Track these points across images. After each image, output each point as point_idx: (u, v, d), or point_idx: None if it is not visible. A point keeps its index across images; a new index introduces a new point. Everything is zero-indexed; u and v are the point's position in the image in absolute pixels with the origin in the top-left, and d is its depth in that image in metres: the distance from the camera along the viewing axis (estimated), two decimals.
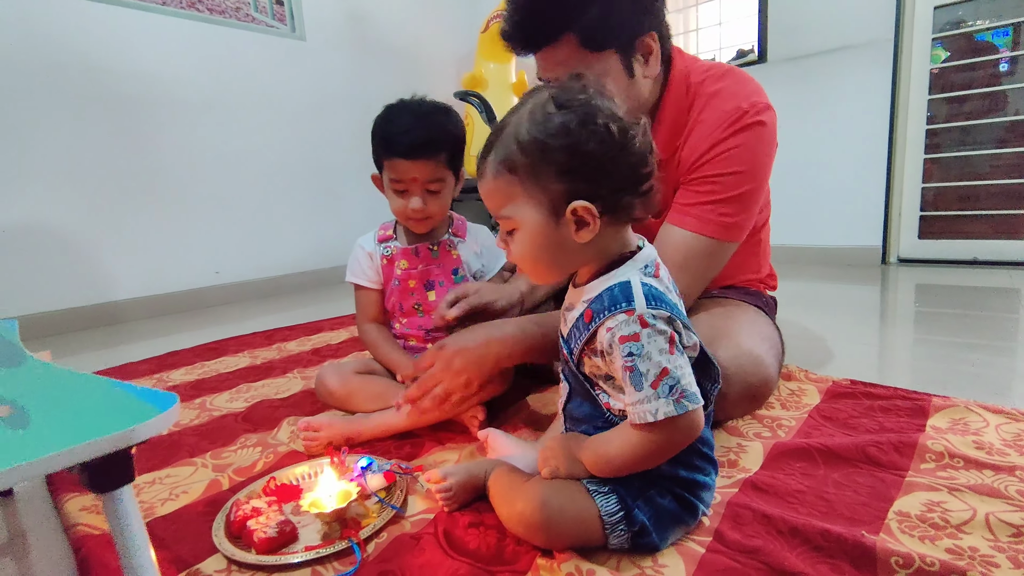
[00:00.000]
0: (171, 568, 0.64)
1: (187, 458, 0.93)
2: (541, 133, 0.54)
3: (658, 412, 0.52)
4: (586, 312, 0.57)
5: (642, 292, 0.54)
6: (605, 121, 0.53)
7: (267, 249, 2.69)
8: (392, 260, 1.06)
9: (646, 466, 0.58)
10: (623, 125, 0.54)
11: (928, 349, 1.36)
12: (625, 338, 0.53)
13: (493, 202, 0.59)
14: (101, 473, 0.36)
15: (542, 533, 0.60)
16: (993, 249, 2.28)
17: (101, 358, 1.68)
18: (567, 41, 0.81)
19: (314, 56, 2.82)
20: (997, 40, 2.21)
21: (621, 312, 0.53)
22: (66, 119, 2.06)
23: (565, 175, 0.54)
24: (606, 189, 0.54)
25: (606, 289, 0.56)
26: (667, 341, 0.53)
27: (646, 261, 0.58)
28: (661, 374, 0.52)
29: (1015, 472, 0.73)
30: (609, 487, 0.60)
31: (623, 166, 0.54)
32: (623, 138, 0.53)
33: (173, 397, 0.40)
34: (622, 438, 0.57)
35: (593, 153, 0.53)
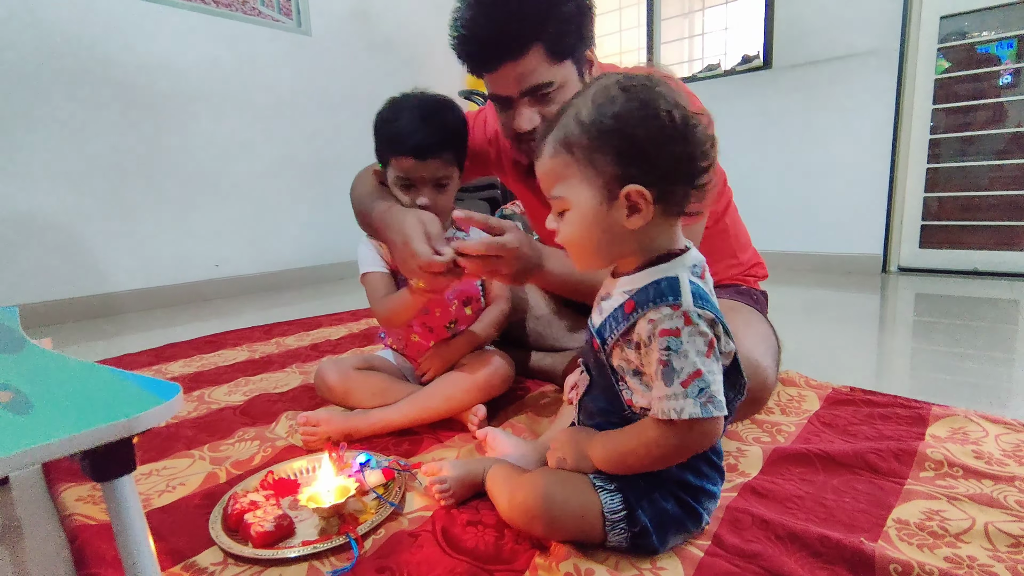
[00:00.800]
0: (167, 560, 0.64)
1: (184, 450, 0.93)
2: (601, 115, 0.54)
3: (683, 411, 0.52)
4: (628, 303, 0.56)
5: (690, 290, 0.53)
6: (667, 108, 0.52)
7: (267, 243, 2.68)
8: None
9: (657, 466, 0.58)
10: (685, 114, 0.53)
11: (927, 358, 1.36)
12: (666, 332, 0.52)
13: (548, 181, 0.59)
14: (103, 461, 0.35)
15: (542, 523, 0.60)
16: (993, 260, 2.29)
17: (99, 349, 1.68)
18: (535, 51, 0.81)
19: (319, 51, 2.82)
20: (1001, 52, 2.22)
21: (666, 306, 0.53)
22: (69, 109, 2.06)
23: (621, 158, 0.53)
24: (661, 177, 0.53)
25: (652, 282, 0.55)
26: (706, 344, 0.53)
27: (695, 262, 0.58)
28: (694, 375, 0.52)
29: (1014, 482, 0.73)
30: (615, 485, 0.60)
31: (681, 155, 0.53)
32: (684, 127, 0.52)
33: (175, 387, 0.39)
34: (638, 434, 0.57)
35: (651, 139, 0.52)
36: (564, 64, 0.84)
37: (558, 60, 0.83)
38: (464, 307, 1.07)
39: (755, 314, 1.02)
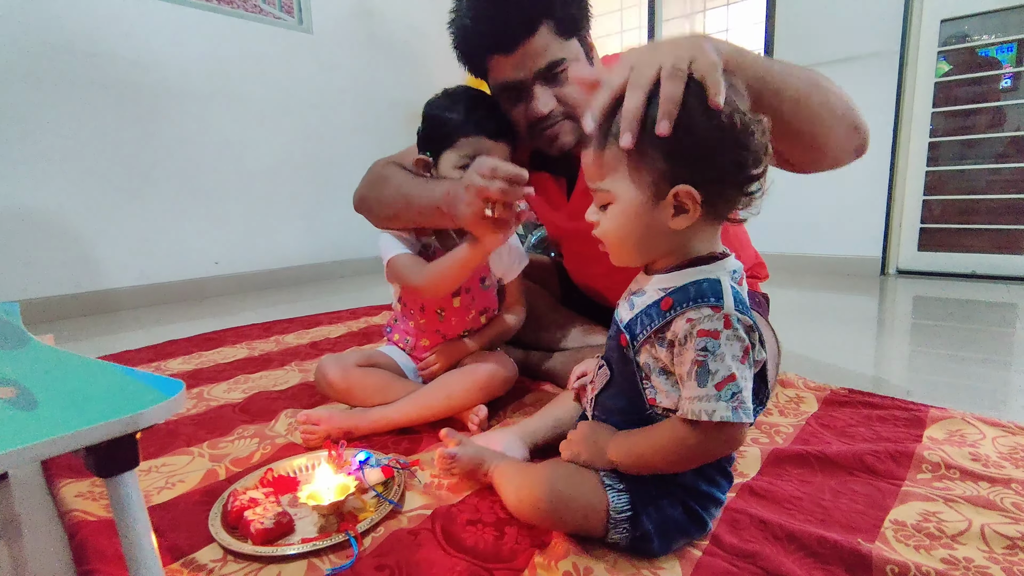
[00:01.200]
0: (167, 556, 0.64)
1: (184, 447, 0.93)
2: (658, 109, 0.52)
3: (715, 413, 0.51)
4: (665, 300, 0.55)
5: (731, 294, 0.53)
6: (729, 111, 0.51)
7: (267, 241, 2.68)
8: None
9: (677, 468, 0.58)
10: (745, 119, 0.51)
11: (925, 360, 1.36)
12: (705, 332, 0.52)
13: (594, 171, 0.58)
14: (106, 457, 0.35)
15: (548, 516, 0.60)
16: (991, 263, 2.29)
17: (99, 345, 1.68)
18: (545, 29, 0.81)
19: (320, 49, 2.82)
20: (1001, 56, 2.22)
21: (707, 306, 0.52)
22: (69, 105, 2.05)
23: (674, 157, 0.52)
24: (712, 179, 0.52)
25: (693, 282, 0.54)
26: (742, 349, 0.52)
27: (735, 268, 0.57)
28: (728, 378, 0.51)
29: (1011, 484, 0.73)
30: (624, 485, 0.60)
31: (735, 159, 0.52)
32: (742, 132, 0.51)
33: (179, 384, 0.40)
34: (663, 434, 0.56)
35: (708, 140, 0.51)
36: (572, 41, 0.84)
37: (567, 36, 0.83)
38: (480, 316, 1.06)
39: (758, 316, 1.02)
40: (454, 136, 0.92)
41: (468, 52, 0.88)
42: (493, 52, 0.85)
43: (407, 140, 1.05)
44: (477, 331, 1.06)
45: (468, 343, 1.04)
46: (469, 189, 0.79)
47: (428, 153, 0.96)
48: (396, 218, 0.97)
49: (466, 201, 0.80)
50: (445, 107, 0.94)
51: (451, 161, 0.92)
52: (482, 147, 0.90)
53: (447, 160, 0.93)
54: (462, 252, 0.87)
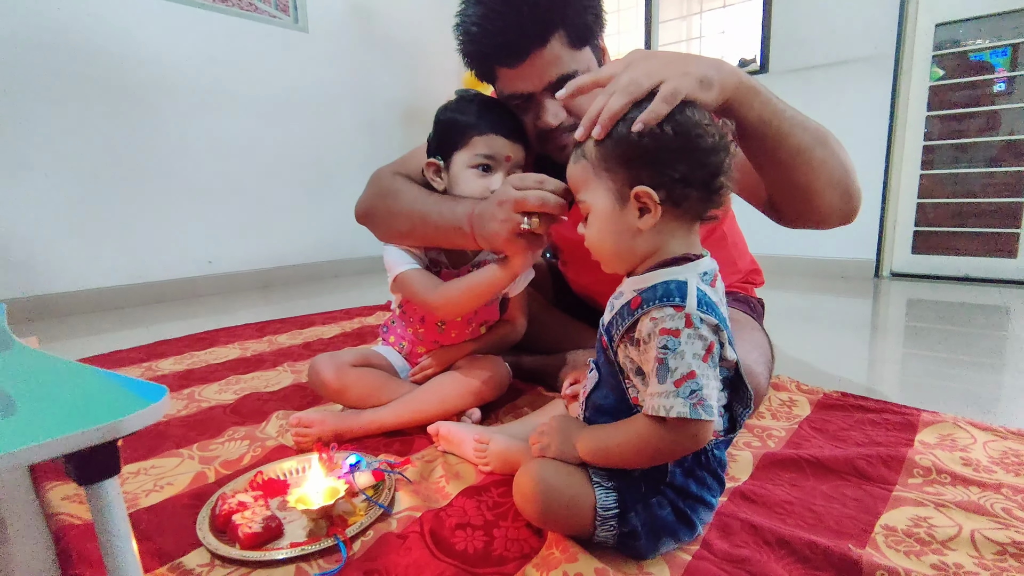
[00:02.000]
0: (154, 561, 0.63)
1: (173, 449, 0.92)
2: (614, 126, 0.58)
3: (672, 409, 0.52)
4: (634, 299, 0.57)
5: (695, 295, 0.54)
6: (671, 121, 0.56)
7: (261, 241, 2.67)
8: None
9: (640, 463, 0.58)
10: (686, 126, 0.56)
11: (918, 364, 1.37)
12: (666, 331, 0.53)
13: (573, 186, 0.64)
14: (86, 464, 0.35)
15: (535, 508, 0.61)
16: (984, 266, 2.30)
17: (90, 344, 1.66)
18: (557, 40, 0.79)
19: (316, 49, 2.81)
20: (995, 60, 2.24)
21: (670, 306, 0.54)
22: (63, 103, 2.04)
23: (629, 164, 0.57)
24: (668, 179, 0.56)
25: (661, 282, 0.56)
26: (704, 348, 0.54)
27: (706, 269, 0.59)
28: (688, 375, 0.52)
29: (1001, 490, 0.73)
30: (613, 483, 0.60)
31: (686, 161, 0.56)
32: (684, 136, 0.56)
33: (162, 389, 0.39)
34: (627, 428, 0.58)
35: (657, 147, 0.56)
36: (585, 51, 0.82)
37: (579, 46, 0.81)
38: (480, 328, 1.06)
39: (750, 321, 1.02)
40: (468, 135, 0.89)
41: (474, 59, 0.85)
42: (501, 63, 0.82)
43: (403, 140, 1.05)
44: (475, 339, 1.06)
45: (463, 348, 1.03)
46: (503, 204, 0.75)
47: (439, 157, 0.94)
48: (409, 235, 0.93)
49: (500, 218, 0.76)
50: (458, 110, 0.92)
51: (463, 161, 0.90)
52: (496, 145, 0.88)
53: (459, 161, 0.91)
54: (488, 274, 0.84)
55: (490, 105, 0.92)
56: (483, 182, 0.89)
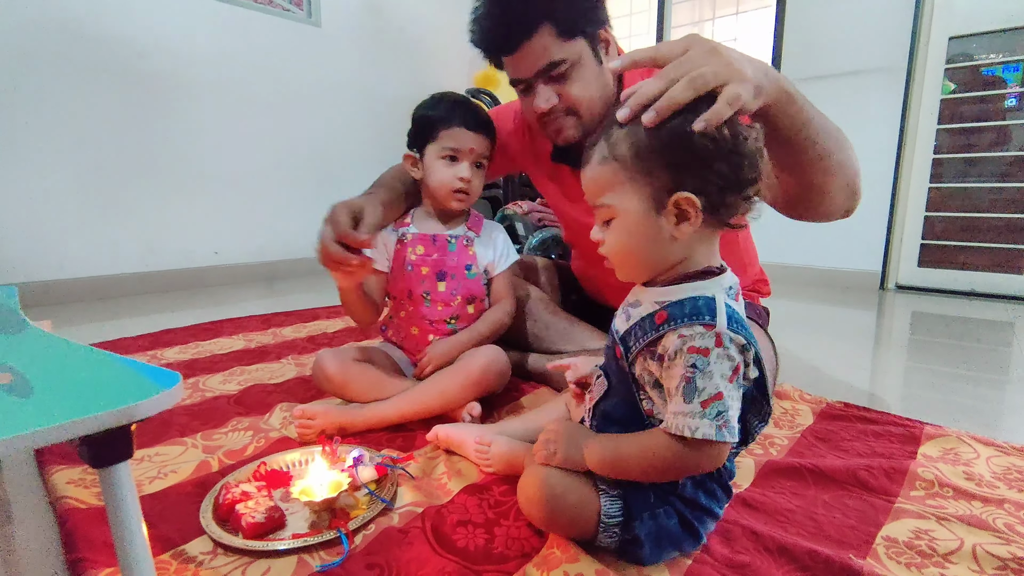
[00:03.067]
0: (157, 547, 0.63)
1: (177, 437, 0.93)
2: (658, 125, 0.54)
3: (697, 431, 0.51)
4: (660, 313, 0.55)
5: (725, 312, 0.53)
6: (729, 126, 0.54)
7: (268, 233, 2.68)
8: (406, 244, 1.06)
9: (652, 478, 0.58)
10: (734, 129, 0.54)
11: (921, 377, 1.36)
12: (695, 349, 0.52)
13: (594, 188, 0.59)
14: (101, 447, 0.35)
15: (540, 511, 0.61)
16: (991, 282, 2.30)
17: (96, 331, 1.67)
18: (544, 31, 0.84)
19: (328, 43, 2.81)
20: (1007, 75, 2.23)
21: (700, 324, 0.53)
22: (74, 89, 2.05)
23: (672, 166, 0.53)
24: (712, 185, 0.53)
25: (689, 298, 0.54)
26: (732, 369, 0.53)
27: (731, 283, 0.58)
28: (715, 397, 0.51)
29: (1003, 505, 0.73)
30: (618, 492, 0.60)
31: (730, 166, 0.53)
32: (733, 140, 0.53)
33: (176, 376, 0.39)
34: (642, 442, 0.56)
35: (701, 150, 0.52)
36: (575, 41, 0.87)
37: (568, 38, 0.86)
38: (467, 305, 1.07)
39: (756, 329, 1.02)
40: (436, 129, 1.02)
41: (480, 50, 0.93)
42: (498, 52, 0.91)
43: None
44: (466, 325, 1.08)
45: (459, 341, 1.04)
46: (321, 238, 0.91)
47: (415, 150, 1.06)
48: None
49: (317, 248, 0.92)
50: (430, 107, 1.04)
51: (434, 152, 1.03)
52: (460, 137, 1.00)
53: (430, 152, 1.03)
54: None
55: (457, 102, 1.03)
56: (451, 170, 1.02)
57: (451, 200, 1.04)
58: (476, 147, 1.02)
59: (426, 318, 1.06)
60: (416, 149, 1.05)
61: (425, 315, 1.06)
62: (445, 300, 1.06)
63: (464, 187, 1.02)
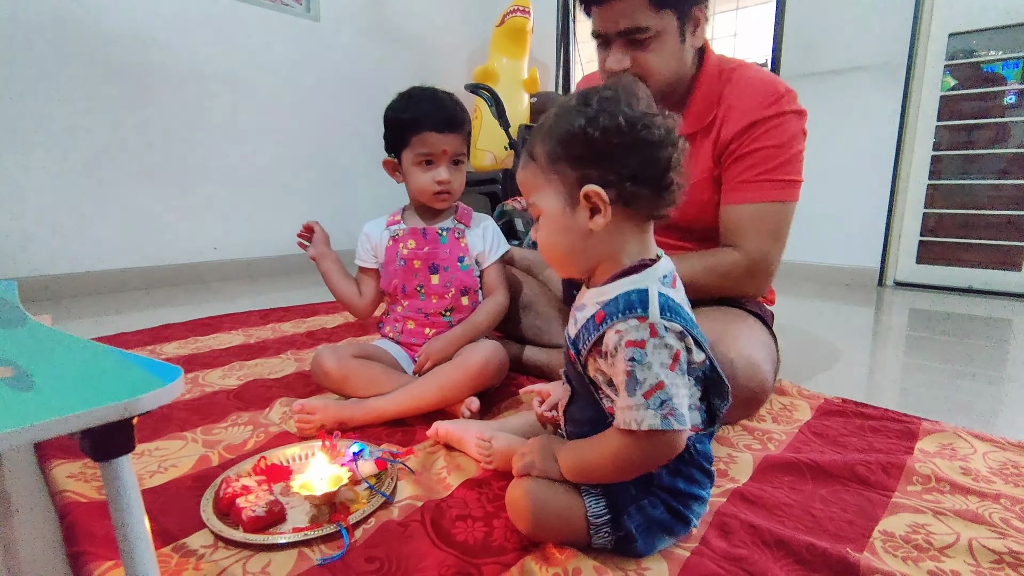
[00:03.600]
0: (157, 541, 0.64)
1: (177, 432, 0.93)
2: (560, 124, 0.57)
3: (643, 422, 0.52)
4: (598, 313, 0.57)
5: (658, 302, 0.54)
6: (615, 114, 0.55)
7: (267, 228, 2.67)
8: (398, 240, 1.08)
9: (618, 477, 0.58)
10: (633, 120, 0.55)
11: (919, 374, 1.37)
12: (631, 343, 0.53)
13: (524, 190, 0.63)
14: (102, 441, 0.35)
15: (527, 521, 0.61)
16: (989, 279, 2.30)
17: (95, 326, 1.67)
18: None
19: (327, 38, 2.80)
20: (1007, 72, 2.23)
21: (634, 318, 0.54)
22: (71, 81, 2.04)
23: (578, 162, 0.56)
24: (617, 177, 0.55)
25: (623, 293, 0.56)
26: (671, 357, 0.53)
27: (665, 272, 0.59)
28: (656, 387, 0.52)
29: (1000, 500, 0.74)
30: (600, 490, 0.60)
31: (634, 157, 0.55)
32: (630, 131, 0.54)
33: (177, 370, 0.40)
34: (602, 443, 0.57)
35: (598, 142, 0.55)
36: (663, 13, 0.87)
37: (659, 7, 0.86)
38: (461, 296, 1.08)
39: (758, 323, 1.03)
40: (406, 136, 1.02)
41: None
42: (591, 2, 0.90)
43: None
44: (462, 317, 1.08)
45: (456, 336, 1.04)
46: None
47: (393, 155, 1.06)
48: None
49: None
50: (398, 109, 1.03)
51: (409, 159, 1.03)
52: (430, 141, 1.00)
53: (406, 158, 1.03)
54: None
55: (422, 101, 1.02)
56: (428, 175, 1.02)
57: (435, 202, 1.06)
58: (449, 148, 1.01)
59: (422, 312, 1.07)
60: (394, 154, 1.06)
61: (420, 309, 1.07)
62: (439, 293, 1.06)
63: (444, 188, 1.03)
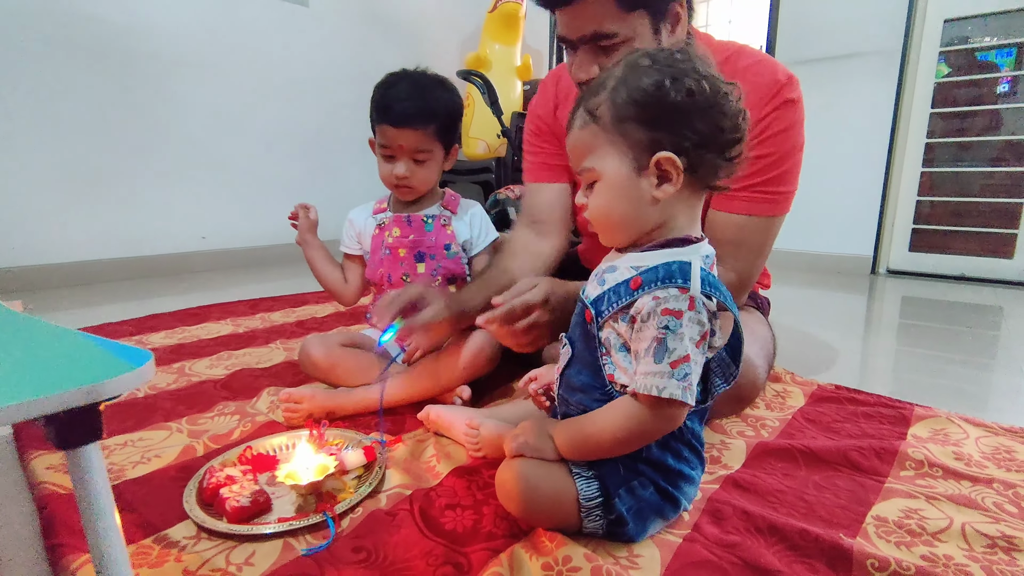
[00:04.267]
0: (138, 532, 0.62)
1: (162, 422, 0.91)
2: (630, 83, 0.54)
3: (664, 390, 0.51)
4: (635, 279, 0.55)
5: (699, 277, 0.53)
6: (697, 78, 0.53)
7: (257, 217, 2.63)
8: (383, 228, 1.06)
9: (621, 448, 0.57)
10: (715, 84, 0.53)
11: (911, 360, 1.37)
12: (669, 311, 0.52)
13: (577, 153, 0.59)
14: (67, 428, 0.34)
15: (519, 505, 0.60)
16: (980, 266, 2.31)
17: (79, 317, 1.64)
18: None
19: (317, 23, 2.75)
20: (1000, 60, 2.22)
21: (675, 287, 0.53)
22: (55, 70, 1.99)
23: (651, 125, 0.53)
24: (691, 144, 0.53)
25: (664, 263, 0.54)
26: (700, 334, 0.53)
27: (707, 252, 0.58)
28: (683, 359, 0.51)
29: (992, 484, 0.73)
30: (592, 472, 0.60)
31: (711, 124, 0.53)
32: (713, 96, 0.52)
33: (147, 354, 0.38)
34: (606, 415, 0.57)
35: (680, 105, 0.52)
36: (634, 15, 0.78)
37: (627, 10, 0.78)
38: (449, 285, 1.06)
39: (755, 314, 1.02)
40: (373, 124, 1.02)
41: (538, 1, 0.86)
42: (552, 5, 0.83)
43: None
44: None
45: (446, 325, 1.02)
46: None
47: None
48: None
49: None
50: (376, 90, 1.02)
51: (377, 146, 1.03)
52: (388, 135, 0.98)
53: (376, 143, 1.03)
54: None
55: (391, 89, 0.99)
56: (388, 167, 1.01)
57: (397, 192, 1.05)
58: (405, 143, 0.98)
59: None
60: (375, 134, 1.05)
61: None
62: (425, 281, 1.05)
63: (402, 183, 1.01)
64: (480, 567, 0.56)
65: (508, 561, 0.57)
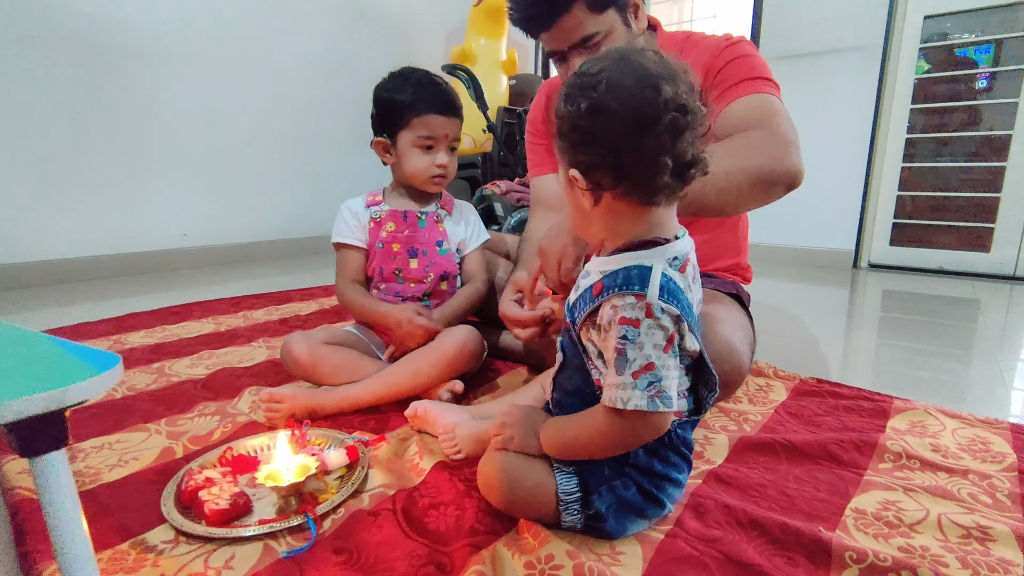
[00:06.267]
0: (115, 536, 0.61)
1: (140, 423, 0.89)
2: (562, 103, 0.56)
3: (629, 402, 0.51)
4: (596, 284, 0.55)
5: (659, 282, 0.52)
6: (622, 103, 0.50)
7: (239, 214, 2.60)
8: (380, 223, 1.05)
9: (599, 454, 0.58)
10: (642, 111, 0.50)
11: (891, 353, 1.39)
12: (626, 320, 0.51)
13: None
14: (30, 435, 0.33)
15: (499, 496, 0.61)
16: (959, 260, 2.35)
17: (55, 317, 1.61)
18: (577, 7, 0.88)
19: (300, 17, 2.71)
20: (979, 56, 2.25)
21: (631, 294, 0.52)
22: (28, 63, 1.94)
23: (573, 144, 0.55)
24: (615, 166, 0.52)
25: (624, 268, 0.54)
26: (665, 339, 0.52)
27: (677, 253, 0.56)
28: (646, 367, 0.51)
29: (967, 475, 0.75)
30: (573, 468, 0.60)
31: (638, 148, 0.50)
32: (618, 119, 0.50)
33: (115, 358, 0.37)
34: (585, 420, 0.57)
35: (584, 127, 0.53)
36: (607, 13, 0.90)
37: (600, 11, 0.89)
38: (440, 282, 1.06)
39: (735, 305, 1.03)
40: (407, 117, 0.99)
41: (519, 27, 0.95)
42: (535, 28, 0.94)
43: None
44: (440, 303, 1.07)
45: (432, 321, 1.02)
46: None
47: (385, 136, 1.03)
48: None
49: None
50: (395, 89, 1.01)
51: (408, 140, 1.01)
52: (434, 125, 0.99)
53: (404, 140, 1.01)
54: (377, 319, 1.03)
55: (423, 83, 1.01)
56: (428, 158, 1.01)
57: (429, 185, 1.04)
58: (450, 132, 1.01)
59: (399, 296, 1.05)
60: (386, 135, 1.03)
61: (398, 293, 1.05)
62: (418, 278, 1.05)
63: (442, 172, 1.02)
64: (463, 566, 0.56)
65: (491, 560, 0.57)
